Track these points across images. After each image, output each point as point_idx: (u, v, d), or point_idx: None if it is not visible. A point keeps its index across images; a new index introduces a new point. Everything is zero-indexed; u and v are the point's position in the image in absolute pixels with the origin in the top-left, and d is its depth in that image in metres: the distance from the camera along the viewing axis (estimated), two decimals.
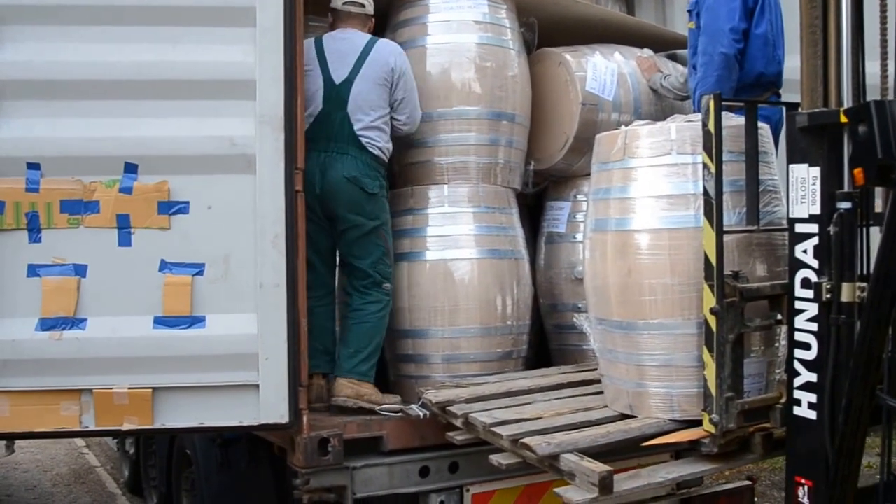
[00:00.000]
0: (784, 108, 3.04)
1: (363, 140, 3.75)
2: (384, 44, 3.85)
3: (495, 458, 2.96)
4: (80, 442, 8.80)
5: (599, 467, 2.54)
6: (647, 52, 4.43)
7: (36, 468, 8.02)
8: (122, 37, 3.16)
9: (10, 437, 4.18)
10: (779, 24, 3.64)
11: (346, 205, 3.73)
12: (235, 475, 4.12)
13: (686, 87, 4.02)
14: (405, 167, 4.10)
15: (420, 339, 3.87)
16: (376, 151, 3.78)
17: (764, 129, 3.01)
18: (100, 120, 3.16)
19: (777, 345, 3.00)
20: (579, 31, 4.50)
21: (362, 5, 3.83)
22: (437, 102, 3.96)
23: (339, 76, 3.74)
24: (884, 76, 2.59)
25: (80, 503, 6.82)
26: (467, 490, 3.51)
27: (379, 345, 3.78)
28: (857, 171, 2.42)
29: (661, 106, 4.31)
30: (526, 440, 2.76)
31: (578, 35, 4.47)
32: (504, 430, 2.90)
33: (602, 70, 4.22)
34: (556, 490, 2.72)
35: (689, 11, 3.65)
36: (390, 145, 3.85)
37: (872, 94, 2.61)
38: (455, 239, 3.91)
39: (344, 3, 3.82)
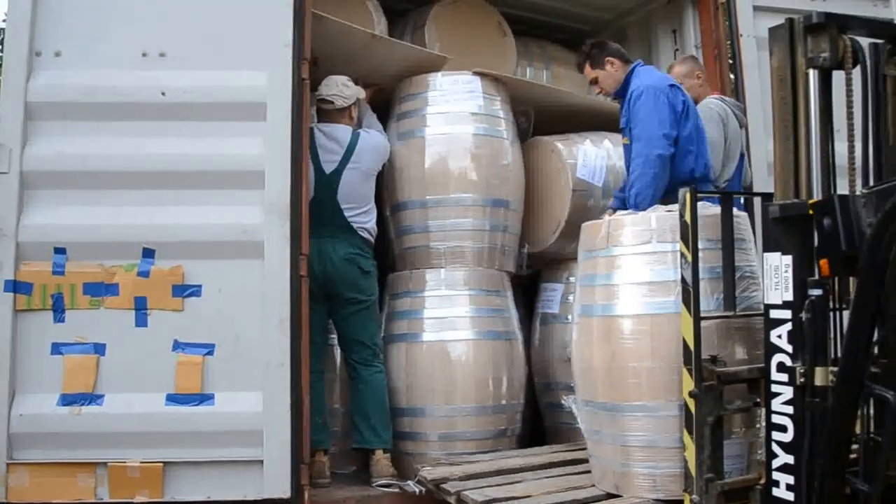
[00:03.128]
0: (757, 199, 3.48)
1: (354, 225, 4.21)
2: (366, 137, 4.31)
3: None
4: None
5: None
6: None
7: None
8: (144, 131, 3.61)
9: None
10: (700, 125, 4.09)
11: (346, 284, 4.16)
12: None
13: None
14: (404, 251, 4.53)
15: (417, 417, 4.23)
16: (365, 234, 4.25)
17: (742, 217, 3.41)
18: (121, 208, 3.57)
19: (758, 426, 3.26)
20: (571, 119, 4.99)
21: (332, 103, 4.28)
22: (435, 189, 4.40)
23: (328, 167, 4.20)
24: (851, 168, 2.89)
25: None
26: None
27: (389, 413, 4.18)
28: (823, 262, 2.72)
29: None
30: None
31: (571, 123, 4.95)
32: None
33: (592, 157, 4.66)
34: None
35: (622, 129, 4.08)
36: (376, 228, 4.31)
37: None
38: (451, 321, 4.30)
39: (319, 100, 4.29)
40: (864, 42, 2.98)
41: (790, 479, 2.84)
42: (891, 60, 3.00)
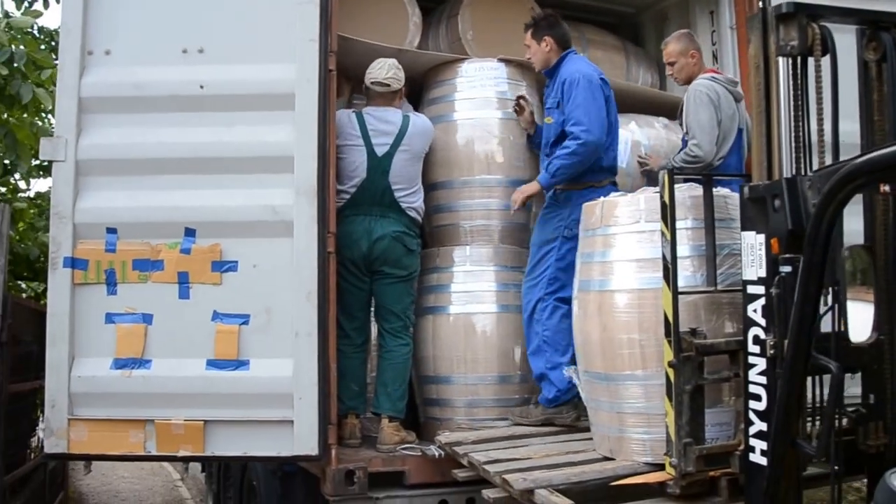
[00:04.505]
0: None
1: (403, 205, 4.56)
2: (416, 121, 4.65)
3: (486, 493, 3.61)
4: (175, 475, 10.44)
5: (563, 501, 3.14)
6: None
7: (134, 497, 9.43)
8: (184, 122, 4.04)
9: (87, 458, 5.13)
10: (614, 120, 4.39)
11: (390, 260, 4.53)
12: None
13: (702, 151, 4.46)
14: (434, 229, 4.89)
15: (443, 384, 4.61)
16: (413, 214, 4.60)
17: (731, 197, 3.61)
18: (165, 192, 4.03)
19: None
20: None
21: (387, 85, 4.63)
22: (462, 171, 4.75)
23: (380, 150, 4.54)
24: (821, 151, 3.06)
25: None
26: None
27: (407, 385, 4.54)
28: (774, 241, 2.94)
29: None
30: (506, 476, 3.41)
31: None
32: (493, 468, 3.57)
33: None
34: None
35: (548, 108, 4.36)
36: (423, 206, 4.66)
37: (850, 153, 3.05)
38: (476, 295, 4.64)
39: (371, 83, 4.63)
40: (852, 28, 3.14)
41: (764, 446, 3.03)
42: (869, 46, 3.15)
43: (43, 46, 6.62)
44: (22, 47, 6.17)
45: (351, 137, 4.49)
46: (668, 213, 3.33)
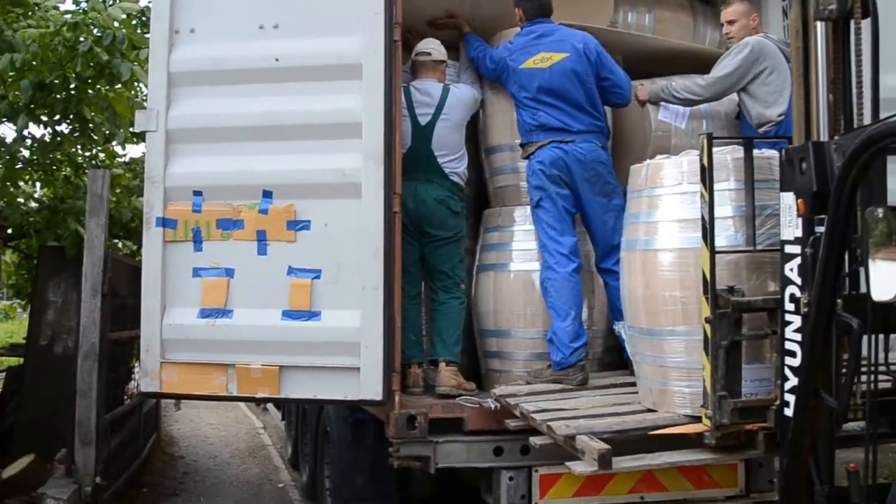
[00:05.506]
0: None
1: (446, 170, 4.93)
2: (455, 92, 5.00)
3: (533, 440, 3.92)
4: (257, 424, 11.39)
5: (601, 446, 3.39)
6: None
7: (220, 442, 10.33)
8: (262, 92, 4.43)
9: (176, 397, 5.77)
10: None
11: (435, 222, 4.91)
12: (363, 450, 5.27)
13: (700, 88, 4.79)
14: (496, 190, 5.19)
15: (503, 338, 4.93)
16: (456, 178, 4.96)
17: (775, 159, 3.77)
18: (246, 157, 4.44)
19: None
20: (670, 62, 5.38)
21: (428, 54, 4.99)
22: None
23: (423, 119, 4.92)
24: (860, 114, 3.19)
25: (250, 473, 8.70)
26: (536, 470, 4.31)
27: (461, 333, 4.90)
28: (801, 202, 3.14)
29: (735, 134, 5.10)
30: (551, 423, 3.71)
31: (670, 66, 5.35)
32: (540, 416, 3.88)
33: None
34: (568, 463, 3.60)
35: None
36: (467, 171, 4.98)
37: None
38: (536, 253, 4.90)
39: (416, 54, 4.99)
40: None
41: None
42: None
43: (135, 22, 7.15)
44: (123, 30, 6.72)
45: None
46: (706, 176, 3.55)
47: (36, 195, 9.21)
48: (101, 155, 9.35)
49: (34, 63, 6.72)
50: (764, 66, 4.59)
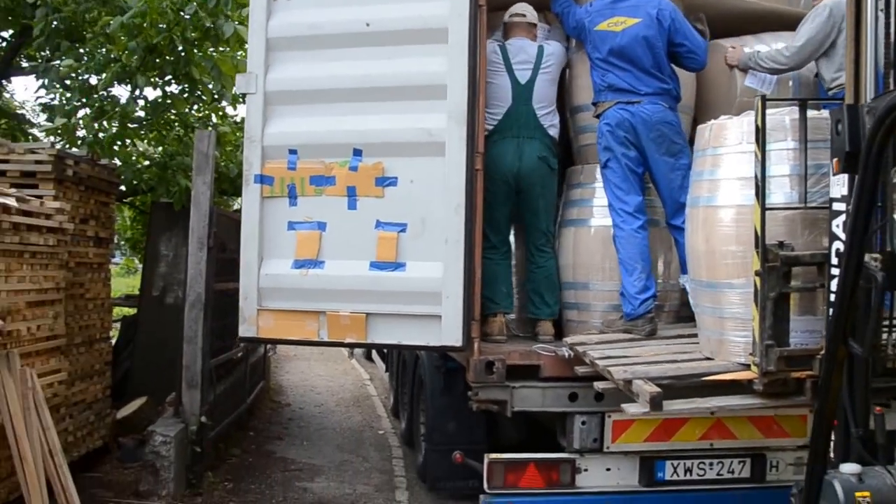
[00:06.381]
0: None
1: (545, 124, 5.16)
2: (548, 48, 5.23)
3: (597, 384, 4.17)
4: (364, 375, 12.09)
5: (653, 389, 3.63)
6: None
7: (327, 391, 11.07)
8: (353, 56, 4.73)
9: (274, 342, 6.51)
10: None
11: (537, 179, 5.16)
12: (454, 398, 5.64)
13: (785, 58, 4.85)
14: (580, 147, 5.41)
15: (581, 290, 5.17)
16: (553, 133, 5.19)
17: (826, 119, 3.86)
18: (337, 118, 4.76)
19: None
20: (760, 21, 5.43)
21: (523, 16, 5.23)
22: None
23: (523, 77, 5.13)
24: (887, 72, 3.24)
25: (353, 420, 9.32)
26: (609, 416, 4.56)
27: (559, 290, 5.19)
28: (835, 161, 3.24)
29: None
30: (611, 368, 3.95)
31: (759, 25, 5.40)
32: (603, 363, 4.13)
33: None
34: (623, 405, 3.84)
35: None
36: (559, 127, 5.22)
37: None
38: None
39: (510, 16, 5.22)
40: None
41: None
42: None
43: None
44: None
45: (497, 67, 5.07)
46: (760, 136, 3.69)
47: (150, 154, 9.78)
48: (213, 116, 9.87)
49: (144, 25, 7.16)
50: (842, 28, 4.62)
